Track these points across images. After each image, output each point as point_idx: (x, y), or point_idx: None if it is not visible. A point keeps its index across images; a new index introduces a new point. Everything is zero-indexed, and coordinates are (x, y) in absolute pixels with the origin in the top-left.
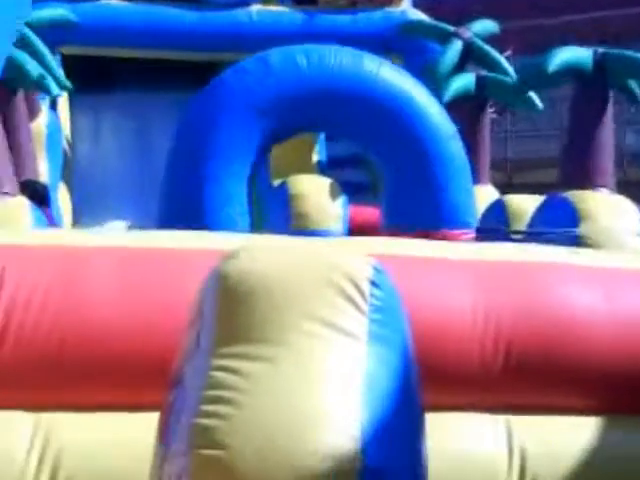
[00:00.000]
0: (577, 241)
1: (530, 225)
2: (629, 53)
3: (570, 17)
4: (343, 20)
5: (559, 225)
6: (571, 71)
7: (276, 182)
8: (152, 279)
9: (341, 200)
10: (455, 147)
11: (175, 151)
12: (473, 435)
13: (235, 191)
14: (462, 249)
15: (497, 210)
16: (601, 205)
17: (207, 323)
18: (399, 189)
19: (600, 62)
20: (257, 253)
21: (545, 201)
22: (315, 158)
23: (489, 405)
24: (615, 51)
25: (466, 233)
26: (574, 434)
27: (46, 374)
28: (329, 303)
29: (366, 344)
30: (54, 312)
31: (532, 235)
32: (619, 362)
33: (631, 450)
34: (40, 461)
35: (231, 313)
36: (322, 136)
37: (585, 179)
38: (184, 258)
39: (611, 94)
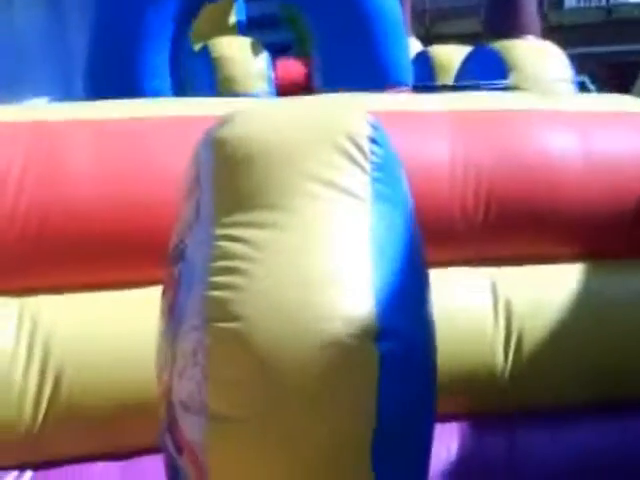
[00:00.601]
0: (507, 91)
1: (458, 77)
2: None
3: None
4: None
5: (487, 76)
6: None
7: (197, 47)
8: (135, 151)
9: (265, 60)
10: (391, 3)
11: (97, 26)
12: (457, 290)
13: (163, 59)
14: (435, 100)
15: (422, 62)
16: (529, 54)
17: (206, 192)
18: (333, 47)
19: None
20: (252, 116)
21: (472, 52)
22: (234, 19)
23: (472, 258)
24: None
25: (402, 91)
26: (557, 283)
27: (28, 256)
28: (331, 163)
29: (370, 204)
30: (31, 191)
31: (462, 88)
32: (598, 205)
33: (615, 295)
34: (29, 348)
35: (230, 180)
36: None
37: (511, 27)
38: (169, 126)
39: None
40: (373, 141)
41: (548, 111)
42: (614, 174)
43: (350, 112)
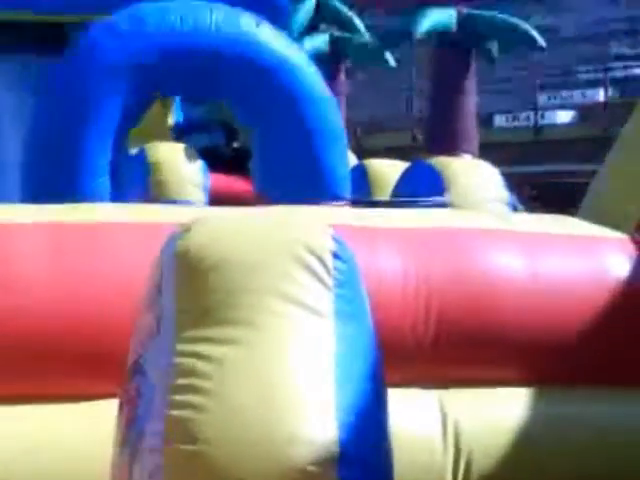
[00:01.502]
0: (444, 209)
1: (395, 192)
2: (491, 13)
3: None
4: None
5: (424, 193)
6: (435, 33)
7: (133, 150)
8: (91, 256)
9: (200, 168)
10: (334, 118)
11: (40, 121)
12: (406, 412)
13: (104, 161)
14: (391, 216)
15: (358, 175)
16: (467, 172)
17: (166, 305)
18: (272, 158)
19: (464, 23)
20: (214, 225)
21: (410, 168)
22: (171, 123)
23: (420, 379)
24: (477, 12)
25: (340, 205)
26: (506, 407)
27: None
28: (294, 278)
29: (333, 322)
30: None
31: (401, 204)
32: (547, 330)
33: (563, 421)
34: None
35: (193, 292)
36: (177, 99)
37: (449, 144)
38: (125, 232)
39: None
40: (336, 256)
41: (498, 230)
42: (560, 296)
43: (313, 225)
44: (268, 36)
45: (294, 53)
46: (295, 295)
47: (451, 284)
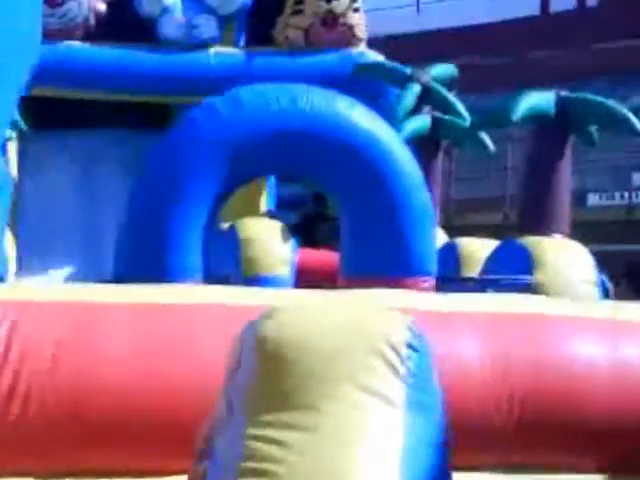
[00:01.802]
0: (532, 288)
1: (484, 270)
2: (590, 97)
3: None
4: (300, 61)
5: (513, 271)
6: (533, 117)
7: (224, 225)
8: (170, 337)
9: (290, 244)
10: (422, 196)
11: (139, 195)
12: None
13: (196, 238)
14: (472, 301)
15: (448, 253)
16: (556, 252)
17: (241, 389)
18: (360, 235)
19: (562, 106)
20: (294, 314)
21: (500, 246)
22: (264, 200)
23: (502, 464)
24: (576, 95)
25: (427, 281)
26: None
27: (59, 438)
28: (368, 368)
29: (403, 412)
30: (66, 373)
31: (489, 282)
32: (625, 417)
33: None
34: None
35: (269, 379)
36: (272, 177)
37: (541, 224)
38: (205, 314)
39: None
40: (410, 347)
41: (578, 317)
42: None
43: (390, 316)
44: (361, 117)
45: (387, 134)
46: (370, 385)
47: (532, 371)
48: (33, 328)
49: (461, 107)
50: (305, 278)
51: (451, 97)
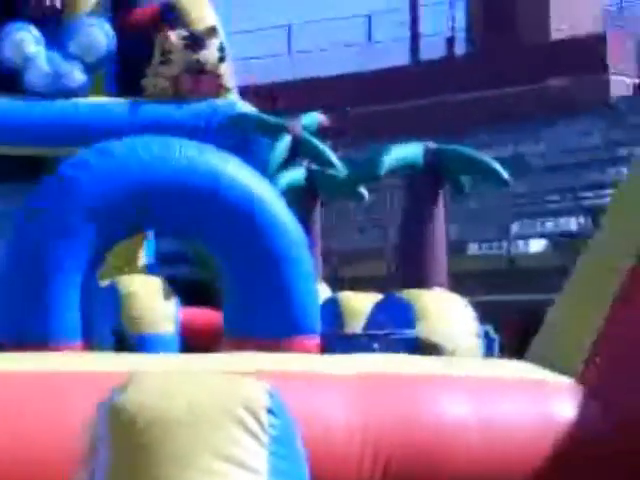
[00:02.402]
0: (416, 342)
1: (367, 325)
2: (461, 149)
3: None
4: (168, 111)
5: (396, 325)
6: (402, 168)
7: (104, 282)
8: (39, 405)
9: (173, 301)
10: (302, 250)
11: (12, 256)
12: None
13: (74, 297)
14: (335, 361)
15: (331, 308)
16: (436, 305)
17: (102, 462)
18: (242, 294)
19: (431, 158)
20: (150, 383)
21: (382, 300)
22: (143, 255)
23: None
24: (446, 146)
25: (311, 338)
26: None
27: None
28: (229, 436)
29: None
30: None
31: (374, 337)
32: (493, 474)
33: None
34: None
35: (126, 451)
36: (151, 232)
37: (421, 276)
38: (72, 381)
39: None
40: (271, 412)
41: (447, 376)
42: (507, 442)
43: (248, 382)
44: (236, 171)
45: (262, 187)
46: (229, 452)
47: (397, 431)
48: None
49: (334, 158)
50: (189, 338)
51: (323, 148)
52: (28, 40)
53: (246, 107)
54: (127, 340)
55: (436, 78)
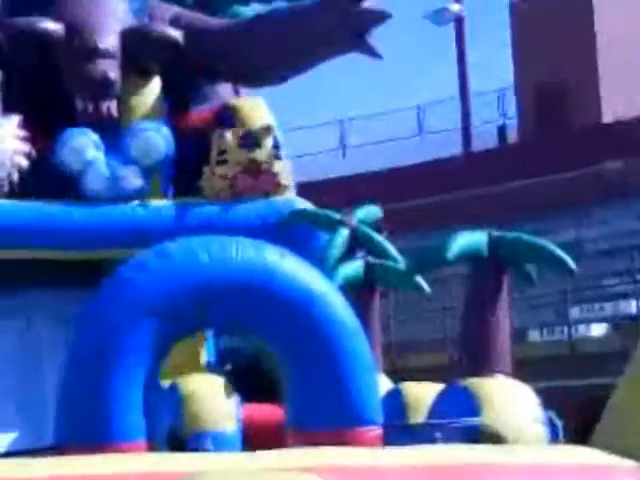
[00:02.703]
0: (479, 430)
1: (430, 415)
2: (524, 236)
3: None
4: (225, 210)
5: (459, 414)
6: (467, 256)
7: (165, 382)
8: None
9: (234, 399)
10: (360, 342)
11: (74, 357)
12: None
13: (137, 397)
14: (399, 454)
15: (393, 399)
16: (500, 392)
17: None
18: (302, 387)
19: (495, 246)
20: None
21: (444, 390)
22: (204, 353)
23: None
24: (509, 234)
25: (372, 430)
26: None
27: None
28: None
29: None
30: None
31: (437, 427)
32: None
33: None
34: None
35: None
36: (211, 331)
37: (483, 364)
38: None
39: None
40: None
41: (512, 465)
42: None
43: (307, 478)
44: (293, 267)
45: (318, 281)
46: None
47: None
48: None
49: (392, 249)
50: (251, 434)
51: (380, 240)
52: (87, 145)
53: (303, 203)
54: (186, 440)
55: (489, 167)
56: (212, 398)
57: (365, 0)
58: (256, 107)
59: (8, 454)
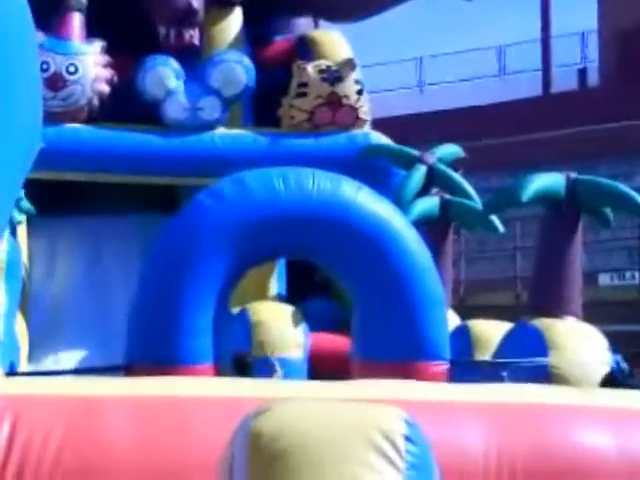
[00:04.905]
0: (546, 371)
1: (497, 353)
2: (601, 180)
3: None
4: (306, 143)
5: (527, 354)
6: (543, 198)
7: (235, 309)
8: (170, 430)
9: (302, 328)
10: (432, 278)
11: (148, 279)
12: None
13: (207, 321)
14: (470, 391)
15: (461, 336)
16: (570, 335)
17: None
18: (372, 319)
19: (572, 188)
20: (289, 410)
21: (513, 329)
22: (274, 284)
23: None
24: (587, 177)
25: (440, 364)
26: None
27: None
28: (366, 462)
29: None
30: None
31: (504, 365)
32: None
33: None
34: None
35: (265, 476)
36: (282, 261)
37: (553, 305)
38: (203, 407)
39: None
40: (408, 439)
41: (583, 407)
42: None
43: (385, 409)
44: (368, 201)
45: (394, 217)
46: (366, 478)
47: (535, 461)
48: (37, 421)
49: (469, 188)
50: (318, 363)
51: (458, 178)
52: (169, 74)
53: (381, 138)
54: (253, 365)
55: (568, 110)
56: (281, 325)
57: None
58: (336, 41)
59: (77, 371)
